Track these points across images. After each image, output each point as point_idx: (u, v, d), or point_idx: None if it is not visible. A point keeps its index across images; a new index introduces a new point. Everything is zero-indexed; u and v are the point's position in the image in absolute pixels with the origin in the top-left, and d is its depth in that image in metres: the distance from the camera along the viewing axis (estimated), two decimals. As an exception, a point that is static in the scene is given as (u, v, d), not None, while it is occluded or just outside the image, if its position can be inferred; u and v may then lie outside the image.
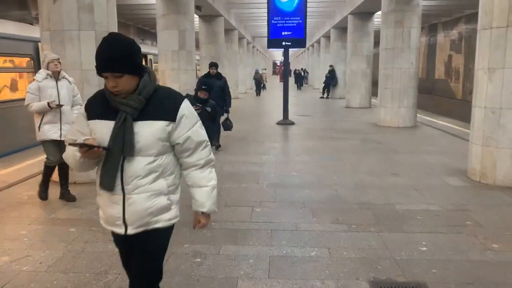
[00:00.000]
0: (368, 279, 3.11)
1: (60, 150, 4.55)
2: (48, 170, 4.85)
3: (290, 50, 13.18)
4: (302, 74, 35.56)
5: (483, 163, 5.72)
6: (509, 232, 4.02)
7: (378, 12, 15.30)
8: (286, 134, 10.38)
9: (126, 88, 1.83)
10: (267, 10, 11.91)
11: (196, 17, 15.59)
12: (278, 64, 67.64)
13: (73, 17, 5.29)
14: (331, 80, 21.79)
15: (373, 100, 17.08)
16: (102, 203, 2.00)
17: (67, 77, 4.83)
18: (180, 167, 2.05)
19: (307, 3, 11.92)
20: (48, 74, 4.68)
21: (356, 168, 6.57)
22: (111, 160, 1.86)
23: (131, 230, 1.95)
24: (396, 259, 3.43)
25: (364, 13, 16.25)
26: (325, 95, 22.00)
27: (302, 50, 48.42)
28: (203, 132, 2.00)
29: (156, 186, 1.92)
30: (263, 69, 38.45)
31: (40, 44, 6.32)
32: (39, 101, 4.62)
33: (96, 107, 1.93)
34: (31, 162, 6.67)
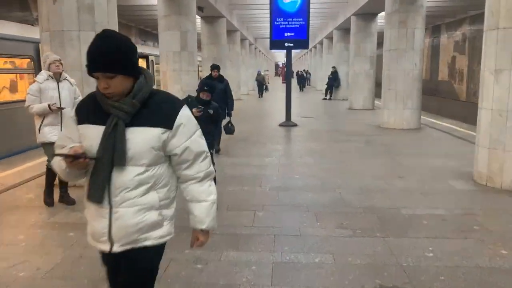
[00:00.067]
0: (374, 287, 3.02)
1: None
2: (50, 173, 4.78)
3: (292, 51, 13.11)
4: (305, 75, 35.52)
5: (490, 167, 5.61)
6: (518, 237, 3.92)
7: (381, 13, 15.23)
8: (288, 136, 10.29)
9: (119, 90, 1.68)
10: (269, 11, 11.87)
11: (198, 18, 15.55)
12: (280, 65, 67.65)
13: (73, 17, 5.23)
14: (333, 81, 21.74)
15: (376, 102, 16.98)
16: (89, 216, 1.84)
17: (68, 78, 4.77)
18: (176, 179, 1.89)
19: (310, 4, 11.86)
20: (49, 75, 4.62)
21: (360, 171, 6.47)
22: (100, 169, 1.71)
23: (117, 248, 1.77)
24: (402, 265, 3.34)
25: (367, 14, 16.18)
26: (327, 97, 21.96)
27: (304, 51, 48.39)
28: (203, 142, 1.85)
29: (146, 199, 1.75)
30: (265, 70, 38.42)
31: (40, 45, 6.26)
32: (40, 102, 4.56)
33: (86, 110, 1.78)
34: (31, 164, 6.59)
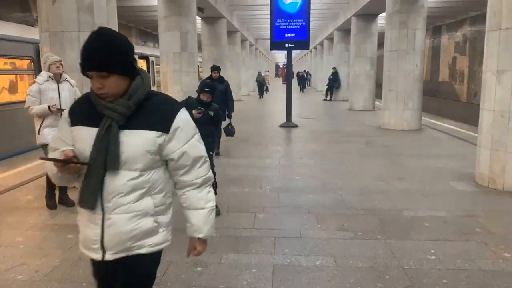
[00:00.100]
0: (376, 290, 3.00)
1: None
2: None
3: (293, 52, 13.10)
4: (305, 76, 35.50)
5: (492, 168, 5.58)
6: (521, 240, 3.89)
7: (382, 14, 15.20)
8: (289, 137, 10.27)
9: (114, 90, 1.61)
10: (270, 12, 11.86)
11: (199, 19, 15.54)
12: (281, 66, 67.63)
13: (72, 18, 5.21)
14: (334, 82, 21.72)
15: (376, 103, 16.94)
16: (81, 222, 1.76)
17: (69, 79, 4.74)
18: (173, 184, 1.80)
19: (311, 5, 11.84)
20: (49, 76, 4.59)
21: (361, 172, 6.44)
22: (93, 173, 1.62)
23: (109, 256, 1.69)
24: (404, 268, 3.31)
25: (368, 14, 16.16)
26: (328, 98, 21.94)
27: (305, 52, 48.38)
28: (201, 147, 1.77)
29: (140, 205, 1.67)
30: (266, 71, 38.41)
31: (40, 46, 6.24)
32: (39, 103, 4.53)
33: (80, 112, 1.71)
34: (30, 166, 6.56)
